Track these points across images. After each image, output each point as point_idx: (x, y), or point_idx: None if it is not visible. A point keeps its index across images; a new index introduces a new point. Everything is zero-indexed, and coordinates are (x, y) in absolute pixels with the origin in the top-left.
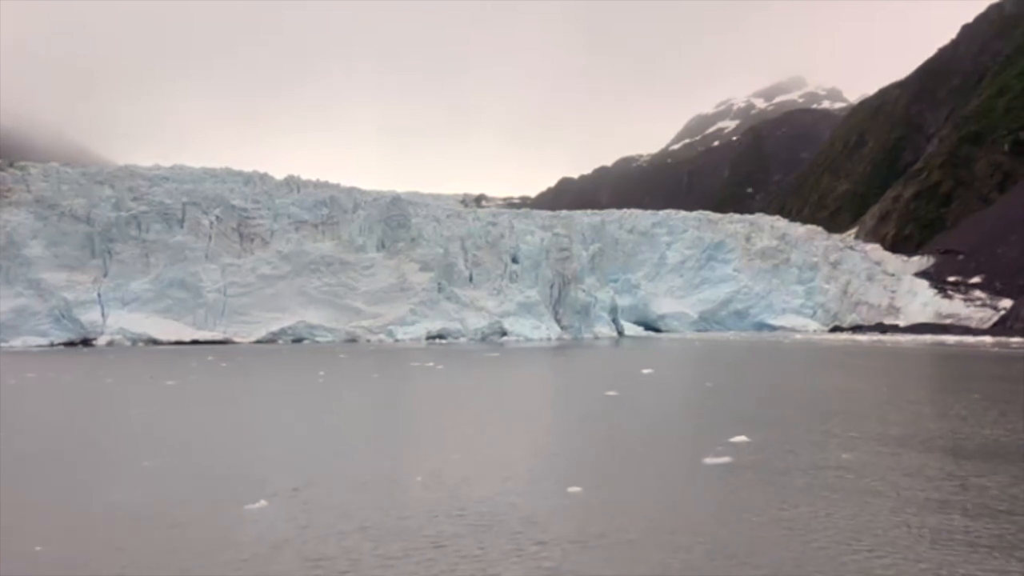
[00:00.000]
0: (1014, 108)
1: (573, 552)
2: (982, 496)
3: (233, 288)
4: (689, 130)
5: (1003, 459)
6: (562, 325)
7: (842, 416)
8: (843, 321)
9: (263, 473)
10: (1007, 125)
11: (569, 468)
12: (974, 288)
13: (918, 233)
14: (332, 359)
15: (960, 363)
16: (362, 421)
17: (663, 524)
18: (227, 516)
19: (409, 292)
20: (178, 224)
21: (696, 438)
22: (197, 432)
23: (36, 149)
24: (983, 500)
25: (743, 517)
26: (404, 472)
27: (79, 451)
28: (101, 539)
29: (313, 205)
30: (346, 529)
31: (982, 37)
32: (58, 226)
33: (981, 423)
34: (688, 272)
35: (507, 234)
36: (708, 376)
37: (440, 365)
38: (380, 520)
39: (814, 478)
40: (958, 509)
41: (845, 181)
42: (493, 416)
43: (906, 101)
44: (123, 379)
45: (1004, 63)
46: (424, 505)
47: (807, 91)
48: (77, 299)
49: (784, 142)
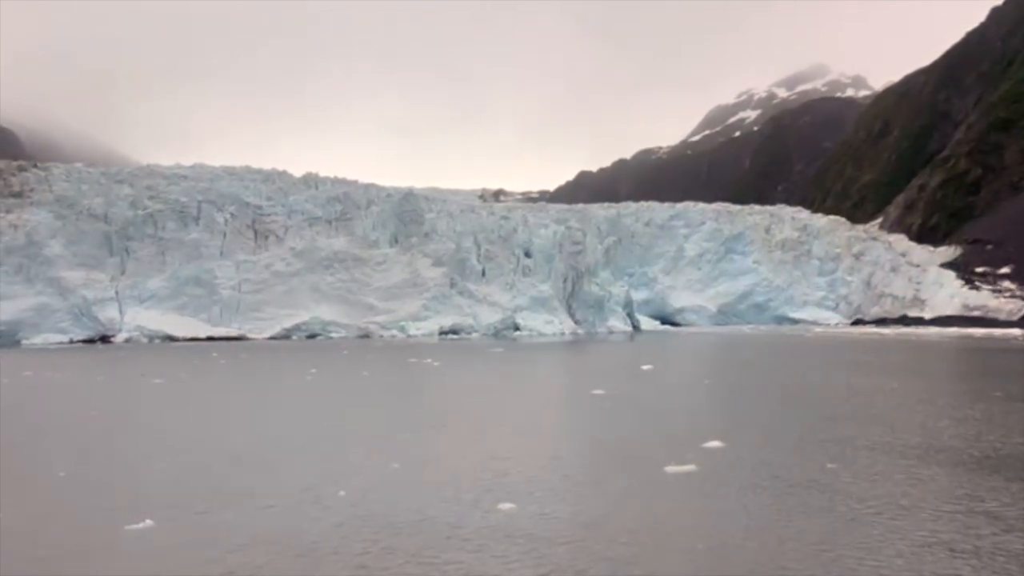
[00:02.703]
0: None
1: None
2: (989, 524)
3: (247, 285)
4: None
5: (1016, 473)
6: (575, 320)
7: (844, 419)
8: (866, 314)
9: (171, 488)
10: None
11: (511, 480)
12: (1003, 279)
13: (945, 223)
14: (334, 356)
15: (985, 358)
16: (316, 425)
17: (582, 546)
18: (100, 537)
19: (422, 287)
20: (193, 222)
21: (668, 443)
22: (136, 438)
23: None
24: (988, 530)
25: (666, 541)
26: (330, 484)
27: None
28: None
29: (327, 201)
30: (224, 555)
31: (1011, 20)
32: (77, 225)
33: (998, 429)
34: (706, 265)
35: (520, 228)
36: (710, 373)
37: (438, 362)
38: (277, 544)
39: (778, 496)
40: (952, 548)
41: (869, 171)
42: (458, 420)
43: (932, 87)
44: (113, 377)
45: None
46: (336, 522)
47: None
48: (96, 297)
49: (806, 131)
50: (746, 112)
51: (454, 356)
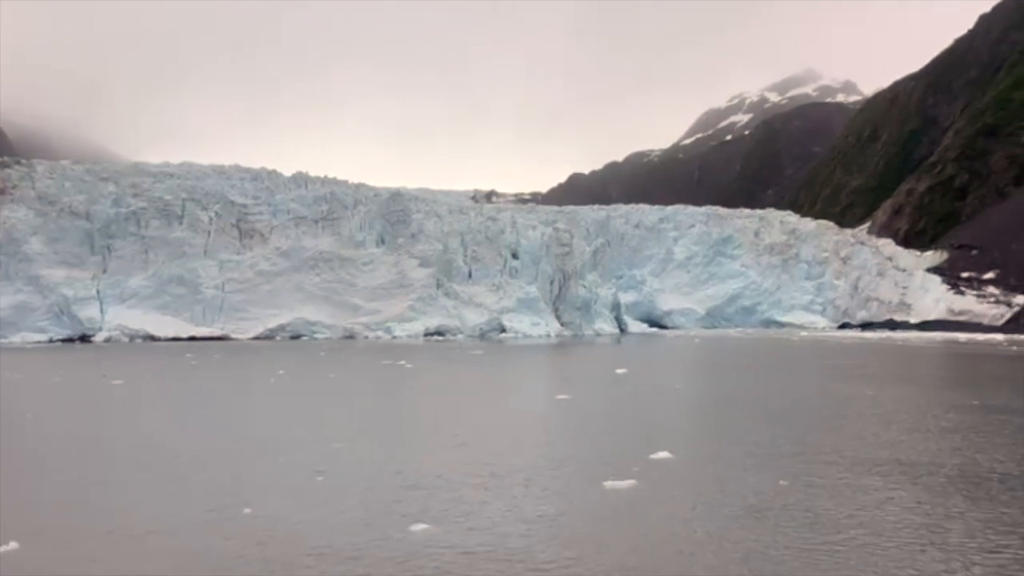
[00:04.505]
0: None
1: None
2: (943, 560)
3: (231, 284)
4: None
5: (985, 493)
6: (562, 322)
7: (811, 429)
8: (853, 318)
9: (61, 502)
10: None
11: (435, 498)
12: (987, 284)
13: (932, 228)
14: (310, 357)
15: (966, 364)
16: (254, 431)
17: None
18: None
19: (408, 288)
20: (177, 220)
21: (616, 454)
22: (48, 443)
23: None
24: (941, 567)
25: (571, 568)
26: (239, 499)
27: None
28: None
29: (313, 201)
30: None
31: (1000, 27)
32: (58, 223)
33: (970, 444)
34: (695, 268)
35: (508, 229)
36: (684, 377)
37: (411, 364)
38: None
39: (713, 518)
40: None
41: (858, 175)
42: (406, 428)
43: (920, 93)
44: (71, 379)
45: (1022, 54)
46: (222, 551)
47: (821, 84)
48: (76, 295)
49: (797, 136)
50: (737, 116)
51: (431, 358)
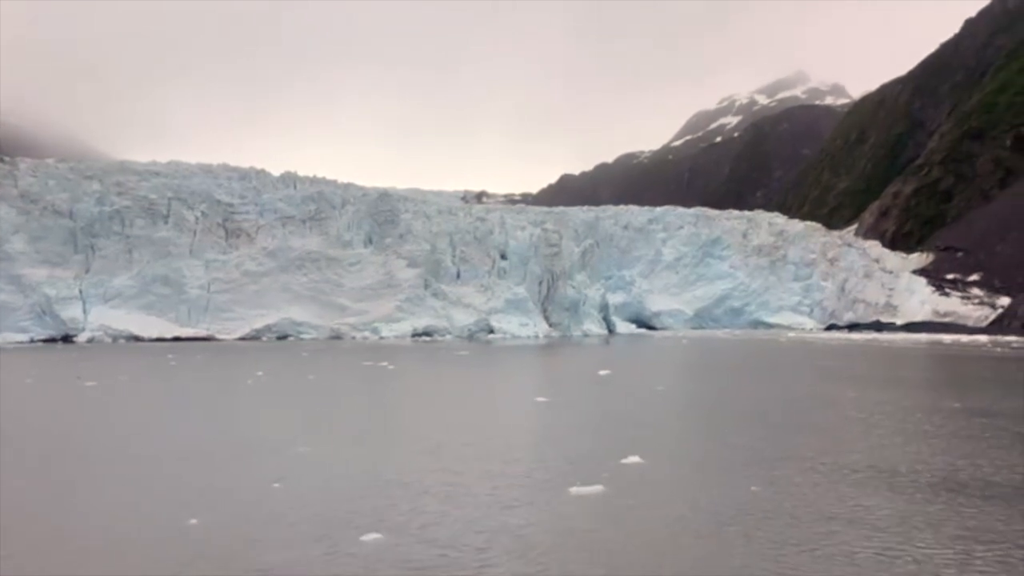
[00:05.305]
0: (1016, 104)
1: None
2: (917, 562)
3: (217, 284)
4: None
5: (965, 500)
6: (551, 322)
7: (789, 432)
8: (840, 319)
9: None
10: (1009, 121)
11: (392, 506)
12: (972, 286)
13: (918, 230)
14: (293, 358)
15: (951, 365)
16: (218, 434)
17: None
18: None
19: (396, 289)
20: (162, 219)
21: (586, 458)
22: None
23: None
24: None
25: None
26: (185, 509)
27: None
28: None
29: (301, 201)
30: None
31: (985, 32)
32: (40, 221)
33: (951, 450)
34: (684, 269)
35: (496, 230)
36: (668, 379)
37: (393, 365)
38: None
39: (675, 527)
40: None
41: (846, 177)
42: (375, 432)
43: (907, 97)
44: (43, 380)
45: (1007, 58)
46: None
47: (810, 87)
48: (58, 295)
49: (785, 138)
50: (727, 118)
51: (415, 360)
